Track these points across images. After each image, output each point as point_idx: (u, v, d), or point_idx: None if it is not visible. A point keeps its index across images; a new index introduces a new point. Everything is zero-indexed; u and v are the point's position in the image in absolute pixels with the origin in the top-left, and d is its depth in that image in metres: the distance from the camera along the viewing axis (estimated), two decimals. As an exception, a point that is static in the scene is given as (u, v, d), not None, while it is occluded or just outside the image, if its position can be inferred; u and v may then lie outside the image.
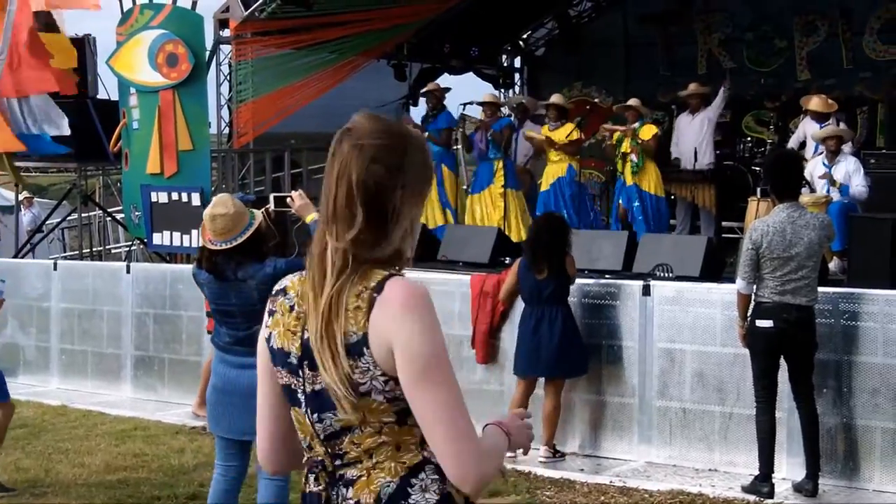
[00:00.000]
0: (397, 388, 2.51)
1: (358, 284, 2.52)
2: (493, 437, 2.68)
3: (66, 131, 13.03)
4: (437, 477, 2.56)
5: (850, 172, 11.01)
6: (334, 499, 2.60)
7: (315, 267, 2.58)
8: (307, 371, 2.59)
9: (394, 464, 2.57)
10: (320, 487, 2.63)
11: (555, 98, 13.56)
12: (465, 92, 15.34)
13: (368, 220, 2.52)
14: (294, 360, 2.62)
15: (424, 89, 14.73)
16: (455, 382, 2.53)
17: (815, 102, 12.34)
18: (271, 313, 2.70)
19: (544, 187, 13.16)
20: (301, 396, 2.62)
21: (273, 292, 2.73)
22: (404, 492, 2.55)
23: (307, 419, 2.62)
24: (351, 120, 2.61)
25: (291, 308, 2.65)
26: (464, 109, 13.99)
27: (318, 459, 2.64)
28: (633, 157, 12.70)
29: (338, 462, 2.60)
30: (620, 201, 13.06)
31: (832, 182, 10.84)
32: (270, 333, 2.68)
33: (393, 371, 2.50)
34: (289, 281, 2.72)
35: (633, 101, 13.03)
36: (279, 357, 2.66)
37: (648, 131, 12.84)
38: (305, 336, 2.58)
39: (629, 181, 12.85)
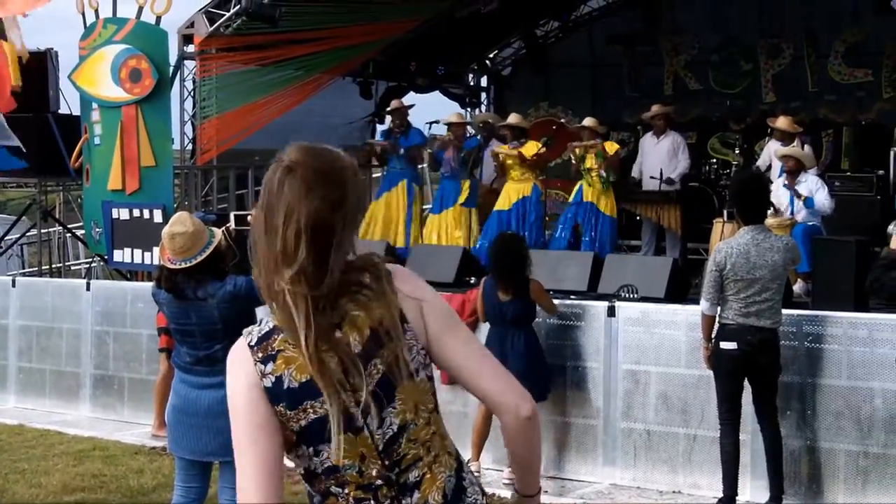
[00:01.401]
0: (427, 360, 2.66)
1: (362, 276, 2.60)
2: None
3: (16, 142, 12.89)
4: (470, 469, 2.72)
5: (813, 190, 11.05)
6: None
7: (286, 314, 2.56)
8: (353, 380, 2.56)
9: (446, 456, 2.66)
10: None
11: (512, 118, 13.47)
12: (432, 111, 15.32)
13: (309, 257, 2.53)
14: (336, 378, 2.55)
15: (389, 108, 14.69)
16: None
17: (781, 121, 12.38)
18: (270, 359, 2.59)
19: (504, 206, 13.05)
20: (354, 409, 2.56)
21: (257, 340, 2.62)
22: (461, 487, 2.67)
23: (365, 432, 2.58)
24: (287, 155, 2.61)
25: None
26: (430, 129, 13.96)
27: (378, 475, 2.60)
28: (602, 172, 12.67)
29: (397, 470, 2.60)
30: (579, 219, 12.98)
31: (797, 195, 10.84)
32: (279, 377, 2.58)
33: (424, 340, 2.64)
34: (273, 320, 2.63)
35: (587, 121, 13.00)
36: (308, 389, 2.57)
37: (611, 147, 12.87)
38: (347, 345, 2.56)
39: (588, 198, 12.80)
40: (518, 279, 8.68)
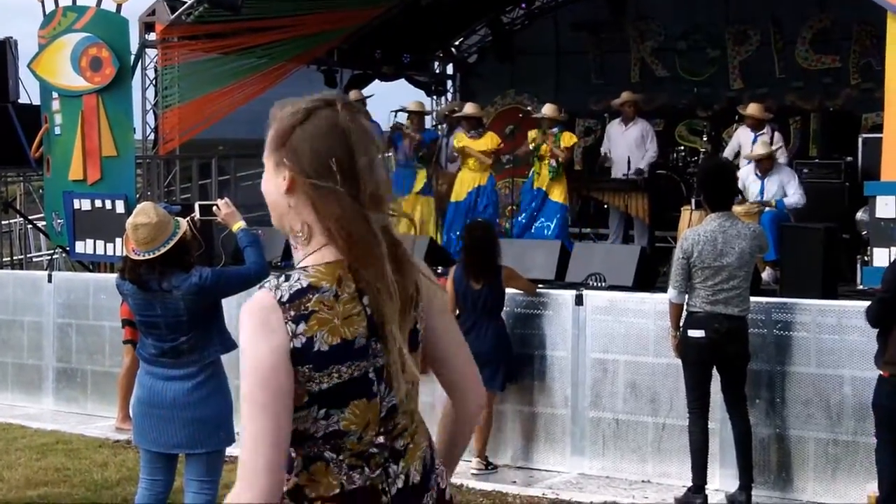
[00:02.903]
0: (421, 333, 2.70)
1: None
2: None
3: None
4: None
5: (784, 183, 11.05)
6: (388, 479, 2.61)
7: (373, 244, 2.54)
8: (377, 346, 2.57)
9: (423, 426, 2.73)
10: (376, 472, 2.59)
11: (467, 108, 13.43)
12: (398, 100, 15.24)
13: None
14: (363, 342, 2.55)
15: (347, 97, 14.58)
16: None
17: (752, 108, 12.38)
18: (303, 318, 2.49)
19: (459, 196, 13.02)
20: (373, 375, 2.57)
21: (293, 295, 2.50)
22: (434, 460, 2.73)
23: (376, 399, 2.58)
24: (327, 99, 2.61)
25: (337, 296, 2.53)
26: (395, 116, 13.88)
27: (374, 442, 2.59)
28: (553, 162, 12.64)
29: (388, 437, 2.63)
30: (530, 204, 12.97)
31: (765, 204, 10.88)
32: (310, 338, 2.49)
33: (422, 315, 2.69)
34: (307, 277, 2.53)
35: (546, 109, 12.93)
36: (338, 354, 2.52)
37: (568, 140, 12.76)
38: (369, 312, 2.55)
39: (537, 184, 12.78)
40: (490, 267, 8.63)
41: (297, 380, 2.50)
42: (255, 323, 2.48)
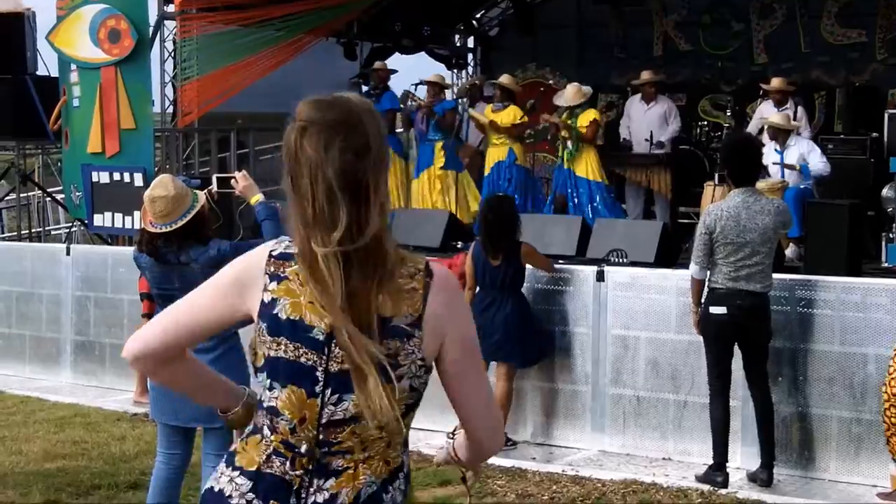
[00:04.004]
0: (425, 377, 2.62)
1: (399, 268, 2.59)
2: None
3: None
4: (403, 488, 2.65)
5: (805, 154, 10.93)
6: (306, 486, 2.58)
7: (312, 275, 2.55)
8: (335, 350, 2.54)
9: (381, 462, 2.60)
10: (297, 472, 2.59)
11: (503, 79, 13.32)
12: (417, 72, 15.13)
13: (350, 214, 2.51)
14: (320, 337, 2.56)
15: (370, 67, 14.54)
16: None
17: (775, 82, 12.26)
18: (278, 279, 2.62)
19: (486, 171, 13.00)
20: (320, 375, 2.56)
21: (279, 255, 2.64)
22: (379, 499, 2.60)
23: (317, 400, 2.56)
24: (298, 114, 2.58)
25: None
26: (415, 89, 13.79)
27: (305, 443, 2.58)
28: (569, 143, 12.53)
29: (325, 449, 2.58)
30: (556, 190, 12.89)
31: (789, 167, 10.74)
32: (274, 300, 2.60)
33: (432, 356, 2.62)
34: (291, 244, 2.64)
35: (568, 91, 12.73)
36: (290, 329, 2.58)
37: (587, 117, 12.55)
38: (366, 311, 2.56)
39: (565, 165, 12.69)
40: (508, 242, 8.56)
41: (257, 335, 2.63)
42: (243, 257, 2.70)
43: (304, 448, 2.58)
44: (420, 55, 17.97)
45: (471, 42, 19.52)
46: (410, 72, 15.42)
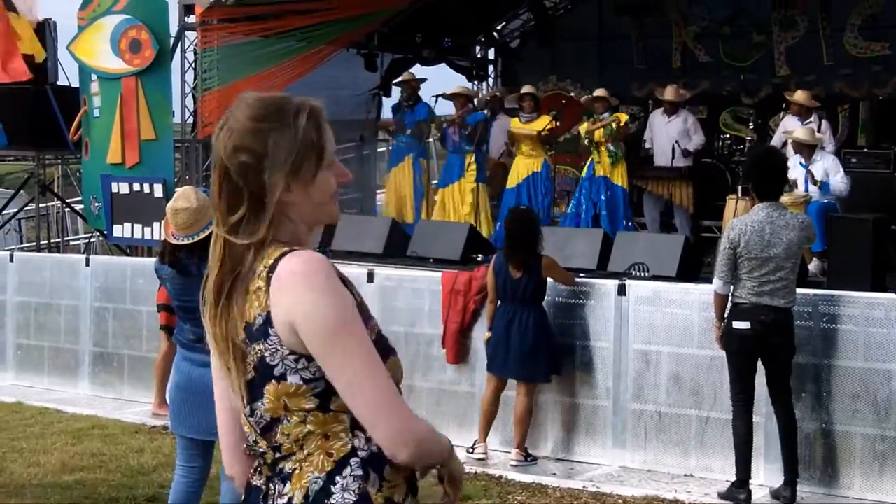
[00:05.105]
0: (311, 366, 2.50)
1: (258, 266, 2.53)
2: (431, 426, 2.62)
3: None
4: (360, 473, 2.52)
5: (829, 170, 10.85)
6: (272, 493, 2.60)
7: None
8: (238, 362, 2.58)
9: (322, 456, 2.53)
10: (261, 481, 2.63)
11: (527, 88, 13.39)
12: (438, 84, 15.12)
13: (244, 205, 2.54)
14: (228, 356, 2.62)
15: (399, 79, 14.54)
16: (371, 347, 2.50)
17: (799, 95, 12.21)
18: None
19: (514, 182, 12.96)
20: (241, 386, 2.61)
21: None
22: (328, 491, 2.52)
23: (246, 409, 2.62)
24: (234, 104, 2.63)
25: None
26: (437, 102, 13.80)
27: (261, 451, 2.62)
28: (610, 145, 12.49)
29: (277, 455, 2.59)
30: (582, 194, 12.85)
31: (812, 180, 10.65)
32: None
33: (302, 348, 2.48)
34: None
35: (599, 92, 12.81)
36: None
37: (623, 118, 12.70)
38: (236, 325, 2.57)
39: (599, 172, 12.64)
40: (530, 255, 8.53)
41: None
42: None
43: (264, 456, 2.62)
44: (441, 66, 17.95)
45: (491, 53, 19.48)
46: (431, 83, 15.39)
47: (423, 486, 2.67)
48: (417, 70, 16.54)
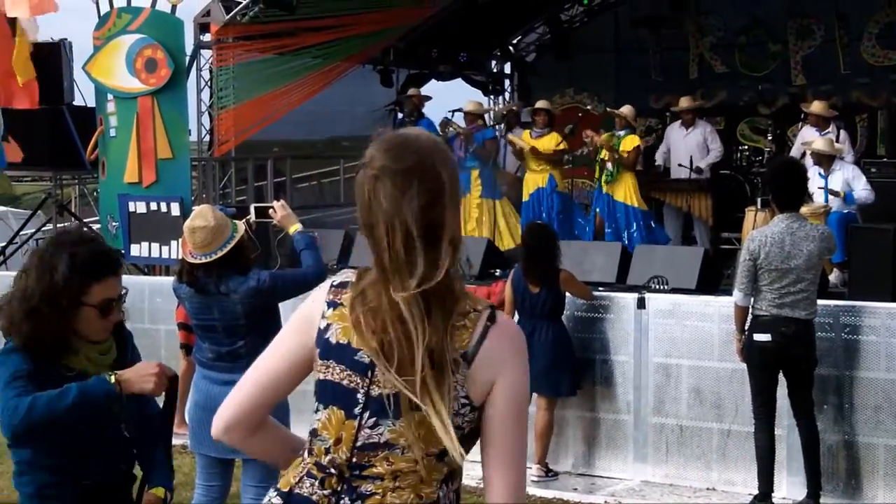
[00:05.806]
0: (470, 418, 2.55)
1: (462, 302, 2.56)
2: None
3: None
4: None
5: (850, 179, 10.78)
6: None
7: (392, 321, 2.52)
8: (379, 375, 2.54)
9: (412, 496, 2.56)
10: (325, 492, 2.60)
11: (541, 103, 13.32)
12: (454, 98, 15.13)
13: (426, 257, 2.51)
14: (365, 359, 2.56)
15: (405, 94, 14.54)
16: None
17: (816, 106, 12.14)
18: (334, 305, 2.64)
19: (525, 197, 12.94)
20: (361, 397, 2.57)
21: (339, 284, 2.67)
22: None
23: (355, 422, 2.57)
24: (370, 158, 2.56)
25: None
26: (452, 117, 13.77)
27: (336, 464, 2.59)
28: (609, 165, 12.43)
29: (356, 472, 2.58)
30: (597, 210, 12.80)
31: (833, 193, 10.59)
32: (328, 325, 2.63)
33: (477, 399, 2.54)
34: (353, 274, 2.67)
35: (625, 109, 12.72)
36: (339, 352, 2.60)
37: (630, 142, 12.42)
38: (389, 338, 2.52)
39: (604, 189, 12.60)
40: (548, 270, 8.50)
41: (314, 362, 2.66)
42: (312, 292, 2.74)
43: (334, 470, 2.59)
44: (457, 81, 17.98)
45: (507, 67, 19.48)
46: (447, 98, 15.41)
47: None
48: (432, 85, 16.58)
